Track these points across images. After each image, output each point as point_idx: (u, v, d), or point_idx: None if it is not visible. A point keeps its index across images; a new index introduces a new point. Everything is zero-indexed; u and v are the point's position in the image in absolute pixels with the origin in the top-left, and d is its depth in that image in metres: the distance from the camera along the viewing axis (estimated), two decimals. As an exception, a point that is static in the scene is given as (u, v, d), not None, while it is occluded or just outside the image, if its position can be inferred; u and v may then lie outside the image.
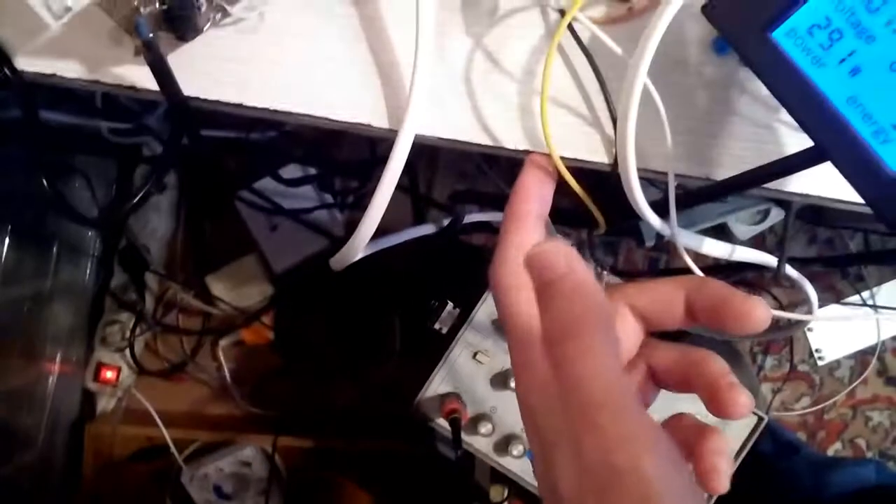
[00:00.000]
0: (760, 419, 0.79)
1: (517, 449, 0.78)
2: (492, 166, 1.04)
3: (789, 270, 0.49)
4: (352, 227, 1.08)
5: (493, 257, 0.36)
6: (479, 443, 0.80)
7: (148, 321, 1.07)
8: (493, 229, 1.03)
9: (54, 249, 0.98)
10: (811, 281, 0.52)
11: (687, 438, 0.31)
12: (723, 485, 0.30)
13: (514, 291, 0.33)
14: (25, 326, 0.95)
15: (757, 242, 1.14)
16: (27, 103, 0.41)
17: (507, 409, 0.79)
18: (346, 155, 1.05)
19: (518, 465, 0.80)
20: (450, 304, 0.82)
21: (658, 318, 0.34)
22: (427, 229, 0.63)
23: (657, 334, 0.36)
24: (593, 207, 0.42)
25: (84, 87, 0.41)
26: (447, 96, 0.42)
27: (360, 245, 0.45)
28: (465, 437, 0.78)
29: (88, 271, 1.05)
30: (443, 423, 0.79)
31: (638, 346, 0.35)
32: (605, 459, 0.26)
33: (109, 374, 1.07)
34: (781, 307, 1.16)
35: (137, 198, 0.58)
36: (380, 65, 0.42)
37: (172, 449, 1.04)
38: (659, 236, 0.49)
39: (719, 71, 0.42)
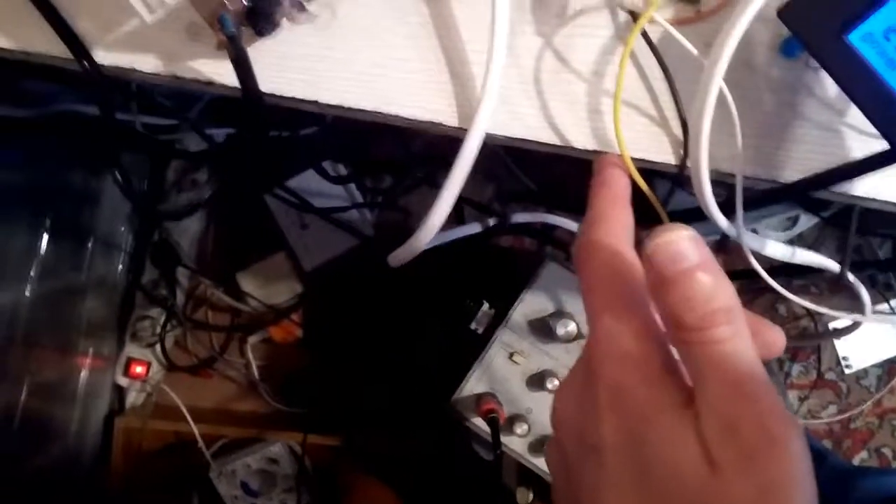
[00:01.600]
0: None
1: (553, 450, 0.78)
2: (522, 167, 1.04)
3: (850, 275, 0.49)
4: (381, 226, 1.09)
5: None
6: (515, 443, 0.80)
7: (178, 317, 1.08)
8: (525, 231, 1.04)
9: (89, 244, 0.98)
10: (838, 288, 0.52)
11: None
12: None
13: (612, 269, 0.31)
14: (59, 320, 0.96)
15: (786, 248, 1.14)
16: (104, 97, 0.42)
17: (542, 410, 0.80)
18: (378, 153, 1.06)
19: (553, 466, 0.80)
20: (485, 305, 0.83)
21: None
22: (474, 228, 0.64)
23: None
24: (660, 208, 0.42)
25: (159, 82, 0.42)
26: (517, 96, 0.42)
27: (423, 242, 0.46)
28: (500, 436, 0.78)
29: (121, 266, 1.06)
30: (478, 423, 0.79)
31: None
32: (763, 425, 0.25)
33: (139, 369, 1.08)
34: (809, 314, 1.16)
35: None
36: (450, 63, 0.42)
37: (200, 444, 1.05)
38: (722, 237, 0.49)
39: (787, 74, 0.43)
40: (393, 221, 1.10)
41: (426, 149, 0.98)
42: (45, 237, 0.88)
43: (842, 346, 1.18)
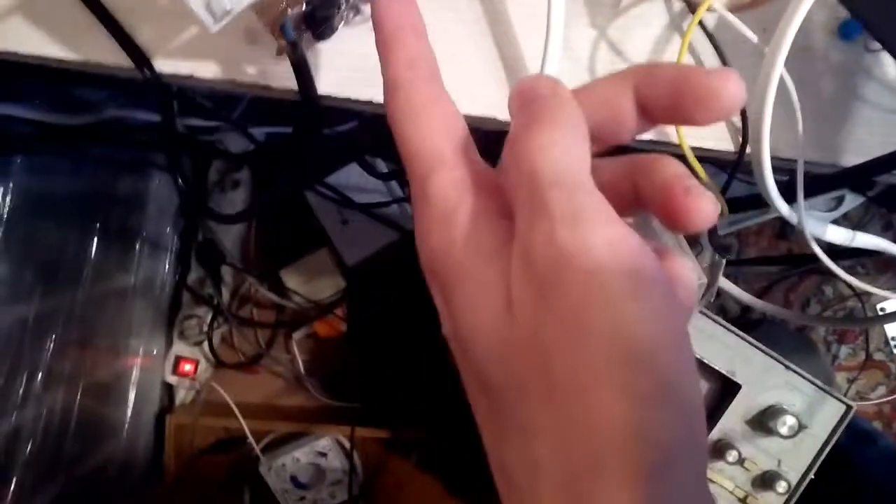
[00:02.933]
0: (848, 407, 0.78)
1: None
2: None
3: (913, 256, 0.48)
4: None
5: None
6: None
7: (224, 315, 1.09)
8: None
9: (137, 246, 1.00)
10: (885, 267, 0.51)
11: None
12: (703, 209, 0.23)
13: (419, 111, 0.27)
14: (110, 321, 0.98)
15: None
16: (165, 103, 0.42)
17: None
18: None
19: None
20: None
21: (606, 127, 0.25)
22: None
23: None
24: (718, 195, 0.42)
25: (218, 87, 0.42)
26: (571, 85, 0.42)
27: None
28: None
29: (167, 267, 1.08)
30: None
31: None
32: (550, 240, 0.21)
33: (188, 367, 1.10)
34: (856, 295, 1.14)
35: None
36: (505, 59, 0.42)
37: (250, 439, 1.06)
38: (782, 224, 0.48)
39: (845, 57, 0.42)
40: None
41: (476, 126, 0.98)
42: (95, 241, 0.90)
43: (890, 326, 1.17)
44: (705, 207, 0.23)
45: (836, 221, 1.13)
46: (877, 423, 1.19)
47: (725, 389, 0.78)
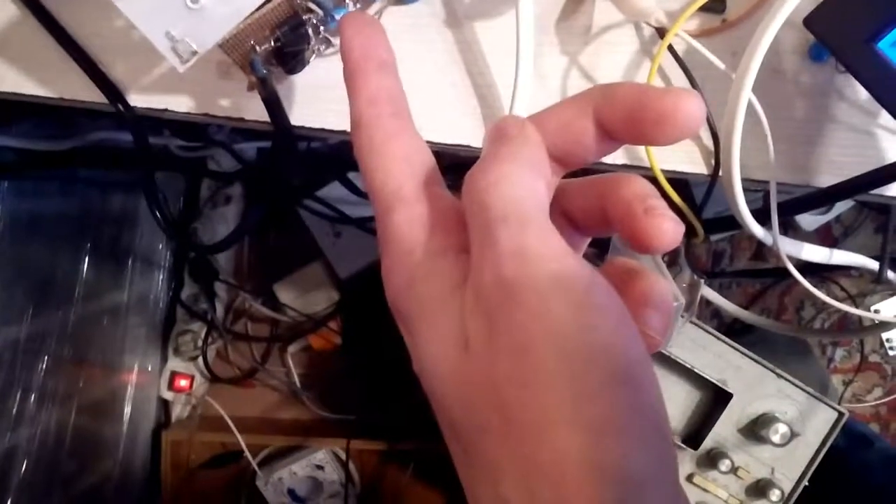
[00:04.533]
0: (840, 414, 0.79)
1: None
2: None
3: (891, 274, 0.49)
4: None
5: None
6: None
7: (219, 330, 1.10)
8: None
9: (129, 263, 1.01)
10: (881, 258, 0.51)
11: (615, 285, 0.24)
12: (655, 342, 0.23)
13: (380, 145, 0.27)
14: (104, 338, 0.98)
15: (823, 232, 1.13)
16: (139, 136, 0.43)
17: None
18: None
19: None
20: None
21: (569, 150, 0.25)
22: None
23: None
24: (692, 217, 0.42)
25: (192, 120, 0.43)
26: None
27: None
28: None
29: (160, 283, 1.08)
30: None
31: (553, 190, 0.27)
32: (498, 275, 0.21)
33: (183, 383, 1.10)
34: (850, 297, 1.14)
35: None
36: (477, 88, 0.42)
37: (247, 454, 1.07)
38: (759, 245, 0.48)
39: (816, 78, 0.42)
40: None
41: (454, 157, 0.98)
42: (87, 260, 0.90)
43: (884, 328, 1.17)
44: (666, 227, 0.23)
45: (828, 224, 1.13)
46: (874, 425, 1.19)
47: (717, 398, 0.78)
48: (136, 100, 0.42)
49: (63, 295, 0.88)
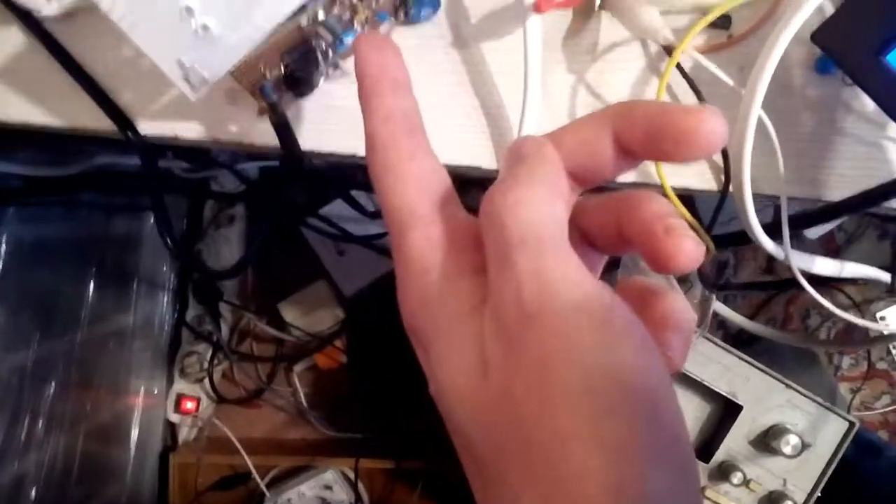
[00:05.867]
0: (851, 424, 0.78)
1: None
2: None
3: (902, 285, 0.49)
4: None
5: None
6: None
7: (224, 350, 1.09)
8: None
9: (134, 286, 1.00)
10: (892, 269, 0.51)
11: (633, 306, 0.23)
12: (674, 363, 0.24)
13: (394, 168, 0.26)
14: (110, 362, 0.98)
15: (826, 240, 1.13)
16: (149, 163, 0.43)
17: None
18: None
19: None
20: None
21: (587, 168, 0.25)
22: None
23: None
24: (704, 233, 0.42)
25: (201, 147, 0.43)
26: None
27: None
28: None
29: (165, 305, 1.08)
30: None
31: (571, 208, 0.27)
32: (517, 300, 0.21)
33: (190, 405, 1.10)
34: (855, 304, 1.14)
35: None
36: (486, 108, 0.43)
37: (255, 475, 1.06)
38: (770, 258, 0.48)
39: (823, 91, 0.42)
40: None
41: (457, 173, 0.98)
42: (92, 283, 0.90)
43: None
44: (687, 248, 0.22)
45: (831, 232, 1.13)
46: (882, 432, 1.18)
47: (727, 411, 0.78)
48: (146, 127, 0.42)
49: (69, 319, 0.88)
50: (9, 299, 0.74)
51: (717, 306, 0.70)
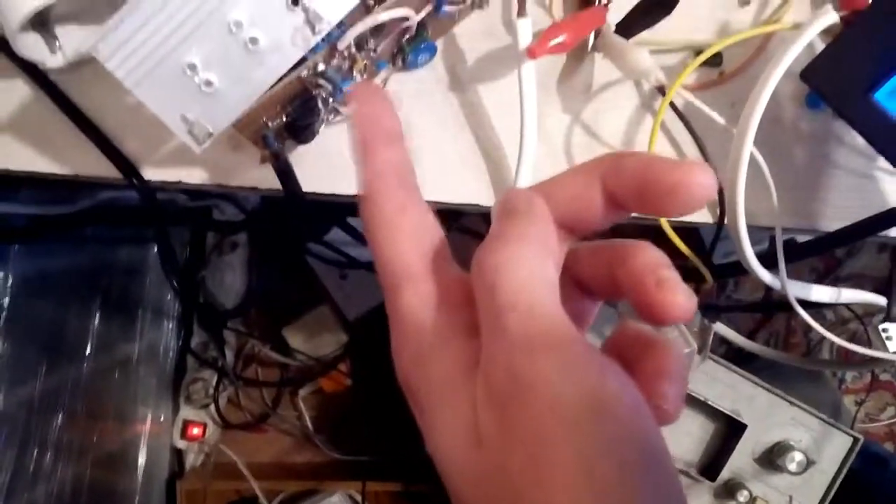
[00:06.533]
0: (855, 440, 0.79)
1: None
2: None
3: (899, 311, 0.49)
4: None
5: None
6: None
7: (229, 376, 1.10)
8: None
9: (139, 315, 1.01)
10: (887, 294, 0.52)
11: (628, 355, 0.24)
12: (670, 414, 0.23)
13: (390, 222, 0.26)
14: (117, 391, 0.98)
15: (824, 259, 1.13)
16: (152, 204, 0.44)
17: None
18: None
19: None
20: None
21: (577, 219, 0.25)
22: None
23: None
24: (700, 264, 0.43)
25: (205, 190, 0.43)
26: (549, 170, 0.43)
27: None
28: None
29: (170, 332, 1.08)
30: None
31: (562, 261, 0.27)
32: (508, 367, 0.21)
33: (196, 431, 1.10)
34: (857, 317, 1.15)
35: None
36: (484, 148, 0.43)
37: (262, 500, 1.06)
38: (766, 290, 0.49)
39: (814, 125, 0.43)
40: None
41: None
42: (98, 314, 0.90)
43: (894, 346, 1.16)
44: (679, 302, 0.22)
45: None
46: (888, 444, 1.18)
47: (731, 429, 0.78)
48: (150, 173, 0.43)
49: (75, 350, 0.88)
50: (15, 334, 0.74)
51: (719, 327, 0.70)
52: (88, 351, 0.90)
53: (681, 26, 0.42)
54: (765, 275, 0.42)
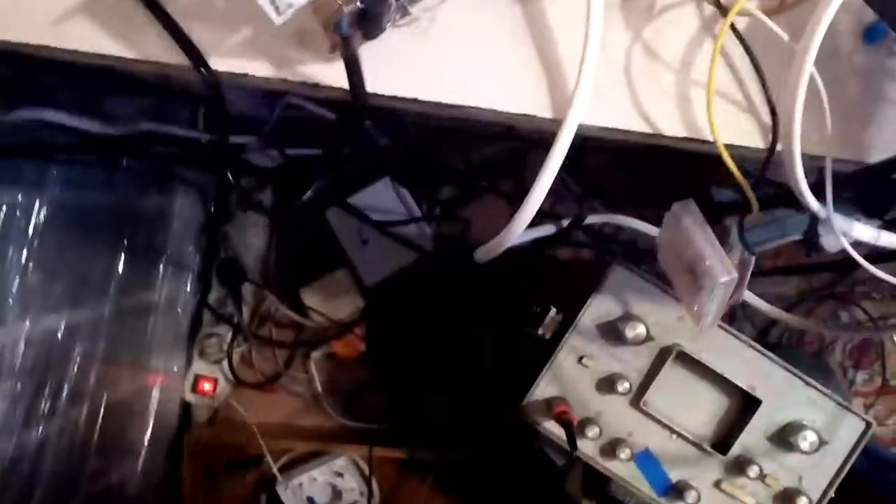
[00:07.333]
0: (868, 424, 0.79)
1: (624, 453, 0.79)
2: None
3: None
4: (440, 238, 1.11)
5: None
6: (587, 447, 0.80)
7: (244, 333, 1.10)
8: (579, 244, 1.06)
9: (161, 265, 1.02)
10: None
11: None
12: None
13: None
14: (133, 338, 0.99)
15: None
16: (217, 101, 0.44)
17: (613, 414, 0.80)
18: (440, 165, 1.08)
19: (625, 470, 0.81)
20: (553, 310, 0.84)
21: None
22: (549, 229, 0.66)
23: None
24: (749, 191, 0.44)
25: (268, 86, 0.44)
26: (608, 89, 0.44)
27: (515, 234, 0.48)
28: (575, 439, 0.79)
29: (189, 285, 1.09)
30: (550, 427, 0.80)
31: None
32: None
33: (207, 386, 1.10)
34: (872, 320, 1.15)
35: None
36: (544, 60, 0.44)
37: (268, 458, 1.06)
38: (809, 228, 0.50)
39: (869, 60, 0.44)
40: (451, 234, 1.11)
41: (486, 160, 1.00)
42: (123, 257, 0.91)
43: (906, 351, 1.17)
44: None
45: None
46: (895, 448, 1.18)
47: (746, 405, 0.78)
48: (218, 63, 0.44)
49: (99, 290, 0.89)
50: (45, 262, 0.75)
51: (748, 296, 0.71)
52: (111, 293, 0.91)
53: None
54: (813, 202, 0.43)
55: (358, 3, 0.39)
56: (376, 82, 0.44)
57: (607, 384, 0.80)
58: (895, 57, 0.44)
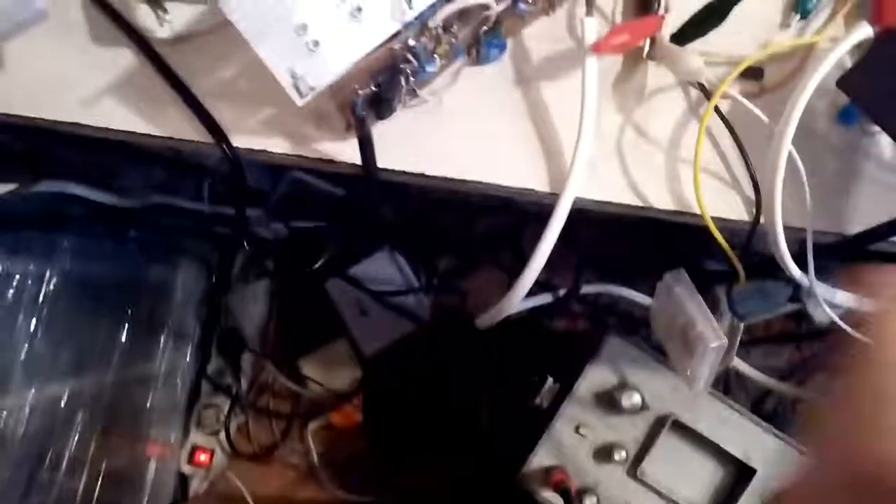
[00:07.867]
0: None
1: (624, 523, 0.79)
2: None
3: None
4: (438, 309, 1.13)
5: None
6: (586, 516, 0.81)
7: (242, 404, 1.11)
8: (575, 314, 1.08)
9: (162, 335, 1.03)
10: None
11: None
12: None
13: None
14: (132, 408, 0.99)
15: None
16: (237, 175, 0.47)
17: (610, 483, 0.81)
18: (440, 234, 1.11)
19: (625, 539, 0.81)
20: (550, 380, 0.86)
21: None
22: (545, 298, 0.68)
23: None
24: (736, 261, 0.46)
25: (285, 162, 0.47)
26: (601, 165, 0.48)
27: (514, 303, 0.50)
28: (572, 508, 0.79)
29: (189, 356, 1.10)
30: (549, 496, 0.81)
31: None
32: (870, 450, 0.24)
33: (203, 457, 1.10)
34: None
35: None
36: (542, 139, 0.48)
37: (264, 532, 1.06)
38: (793, 297, 0.52)
39: (845, 139, 0.48)
40: (449, 305, 1.13)
41: (485, 232, 1.03)
42: (127, 327, 0.93)
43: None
44: None
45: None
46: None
47: (740, 474, 0.79)
48: (239, 140, 0.47)
49: (102, 360, 0.90)
50: (52, 332, 0.77)
51: (741, 366, 0.73)
52: (114, 362, 0.92)
53: (726, 43, 0.47)
54: (796, 271, 0.46)
55: (372, 87, 0.42)
56: (386, 158, 0.47)
57: (604, 453, 0.81)
58: (869, 136, 0.47)
